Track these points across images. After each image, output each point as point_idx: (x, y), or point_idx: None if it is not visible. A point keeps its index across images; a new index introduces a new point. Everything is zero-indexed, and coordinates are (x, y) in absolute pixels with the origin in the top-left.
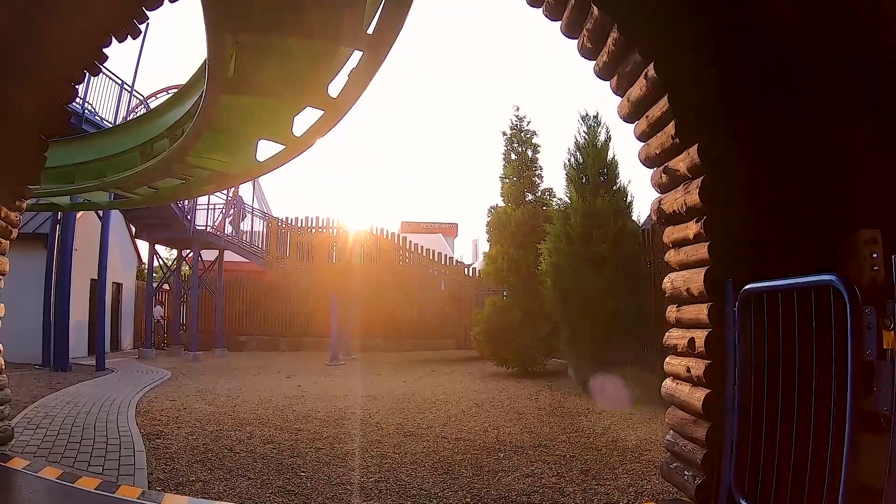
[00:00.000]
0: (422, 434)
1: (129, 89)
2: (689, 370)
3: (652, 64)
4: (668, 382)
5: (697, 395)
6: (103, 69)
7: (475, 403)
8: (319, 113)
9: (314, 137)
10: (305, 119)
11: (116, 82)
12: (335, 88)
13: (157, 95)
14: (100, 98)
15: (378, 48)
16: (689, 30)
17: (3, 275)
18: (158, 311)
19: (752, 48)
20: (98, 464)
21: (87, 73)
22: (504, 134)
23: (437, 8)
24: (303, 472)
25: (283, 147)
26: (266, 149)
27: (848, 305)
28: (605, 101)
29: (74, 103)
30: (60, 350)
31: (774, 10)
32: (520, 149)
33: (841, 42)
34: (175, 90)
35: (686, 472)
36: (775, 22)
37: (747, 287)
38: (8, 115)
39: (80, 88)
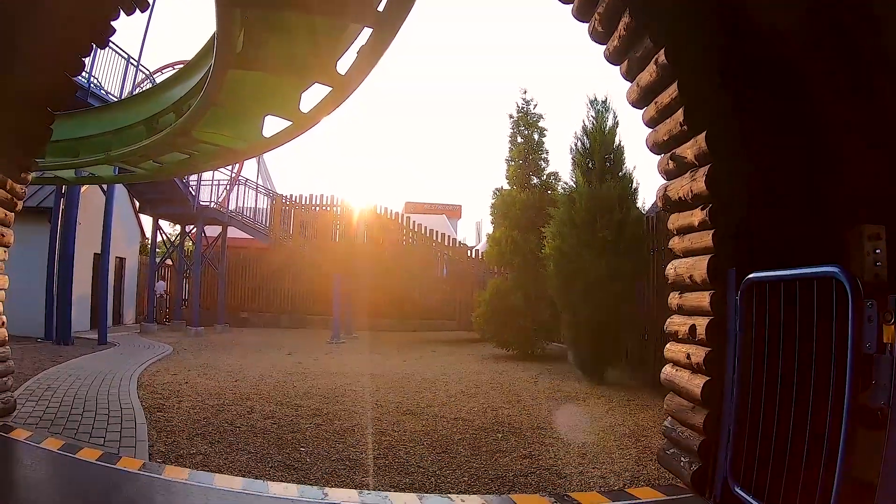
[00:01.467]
0: (421, 413)
1: (136, 64)
2: (689, 357)
3: (663, 50)
4: (667, 369)
5: (697, 382)
6: (110, 42)
7: (475, 384)
8: (327, 90)
9: (321, 114)
10: (313, 96)
11: (123, 56)
12: (343, 65)
13: (164, 70)
14: (106, 72)
15: (387, 26)
16: (700, 18)
17: (8, 247)
18: (161, 286)
19: (763, 39)
20: (99, 436)
21: (94, 46)
22: (511, 117)
23: None
24: (302, 447)
25: (289, 123)
26: (272, 125)
27: (850, 297)
28: (613, 87)
29: (80, 77)
30: (63, 323)
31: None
32: (526, 132)
33: (850, 37)
34: (182, 65)
35: (683, 459)
36: (783, 16)
37: (750, 276)
38: (15, 87)
39: (87, 62)
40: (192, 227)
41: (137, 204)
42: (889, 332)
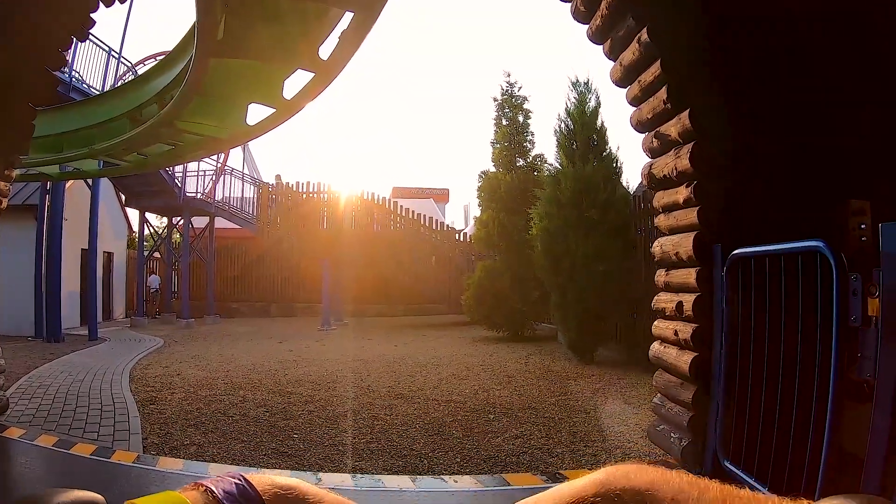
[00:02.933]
0: (413, 396)
1: (117, 56)
2: (676, 333)
3: (645, 29)
4: (655, 345)
5: (684, 359)
6: (91, 35)
7: (466, 367)
8: (310, 76)
9: (304, 100)
10: (296, 82)
11: (104, 49)
12: (326, 51)
13: (146, 62)
14: (87, 66)
15: (368, 9)
16: None
17: None
18: (155, 280)
19: (746, 15)
20: (93, 430)
21: (75, 39)
22: (495, 100)
23: None
24: (296, 434)
25: (273, 110)
26: (256, 112)
27: (834, 271)
28: (596, 67)
29: (62, 71)
30: (53, 321)
31: None
32: (511, 114)
33: (835, 8)
34: (163, 56)
35: (672, 435)
36: None
37: (735, 252)
38: None
39: (68, 55)
40: (179, 218)
41: (124, 197)
42: (874, 306)
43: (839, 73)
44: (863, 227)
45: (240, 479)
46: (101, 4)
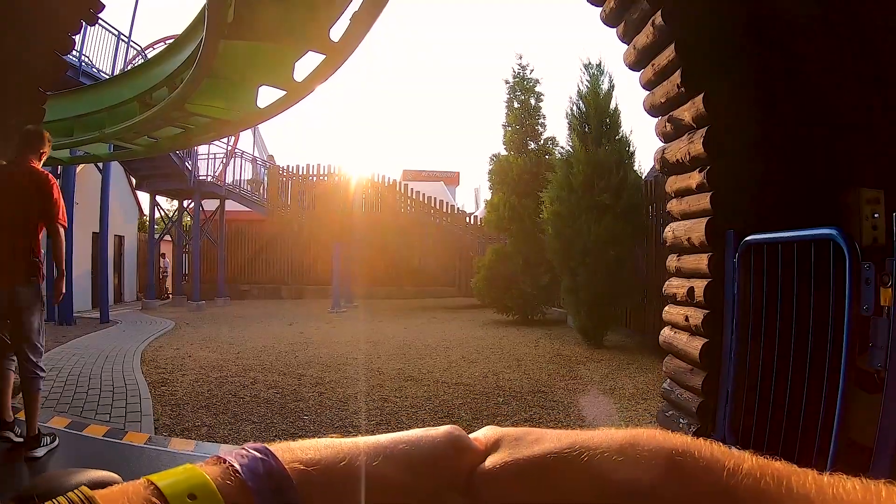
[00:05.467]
0: (422, 379)
1: (127, 40)
2: (687, 319)
3: (659, 12)
4: (666, 331)
5: (695, 344)
6: (100, 19)
7: (475, 350)
8: (320, 58)
9: (315, 83)
10: (306, 64)
11: (113, 33)
12: (337, 32)
13: (155, 46)
14: (96, 50)
15: None
16: None
17: None
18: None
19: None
20: (105, 412)
21: (84, 23)
22: (507, 82)
23: None
24: (306, 415)
25: (283, 93)
26: (266, 95)
27: (847, 259)
28: (608, 50)
29: (71, 55)
30: (64, 304)
31: None
32: (522, 97)
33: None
34: (173, 40)
35: (681, 421)
36: None
37: (748, 238)
38: (6, 67)
39: (77, 39)
40: (189, 201)
41: (134, 181)
42: (886, 295)
43: (855, 62)
44: (876, 216)
45: (264, 454)
46: None
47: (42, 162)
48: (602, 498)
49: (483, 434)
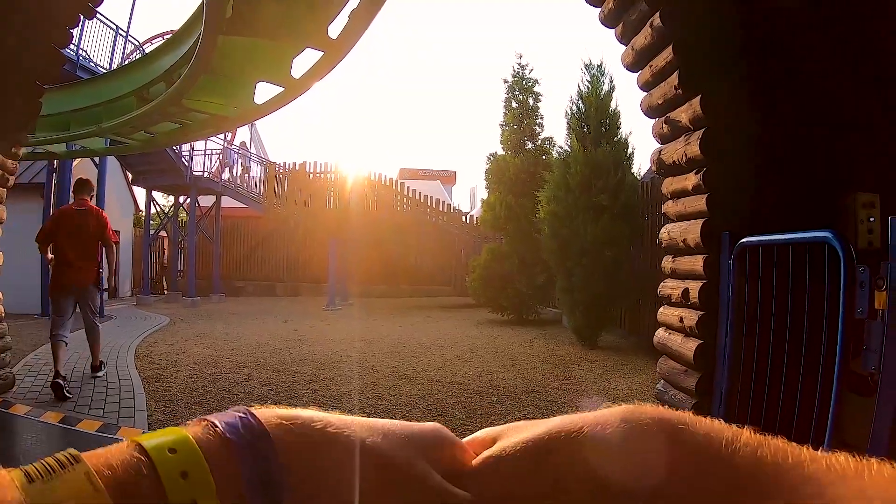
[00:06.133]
0: (416, 377)
1: (125, 35)
2: (681, 320)
3: (658, 13)
4: (660, 332)
5: (689, 346)
6: (98, 13)
7: (470, 349)
8: (318, 55)
9: (313, 79)
10: (304, 61)
11: (111, 28)
12: (335, 29)
13: (153, 41)
14: (94, 44)
15: None
16: None
17: (1, 223)
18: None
19: (758, 2)
20: (98, 407)
21: (82, 17)
22: (505, 81)
23: None
24: None
25: (281, 89)
26: (264, 91)
27: (842, 262)
28: (609, 51)
29: (69, 49)
30: None
31: None
32: (521, 96)
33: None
34: (171, 34)
35: None
36: None
37: (743, 240)
38: (2, 60)
39: (75, 33)
40: (185, 197)
41: (130, 176)
42: (881, 299)
43: (853, 63)
44: (871, 219)
45: (244, 413)
46: None
47: (92, 199)
48: (602, 470)
49: (474, 437)
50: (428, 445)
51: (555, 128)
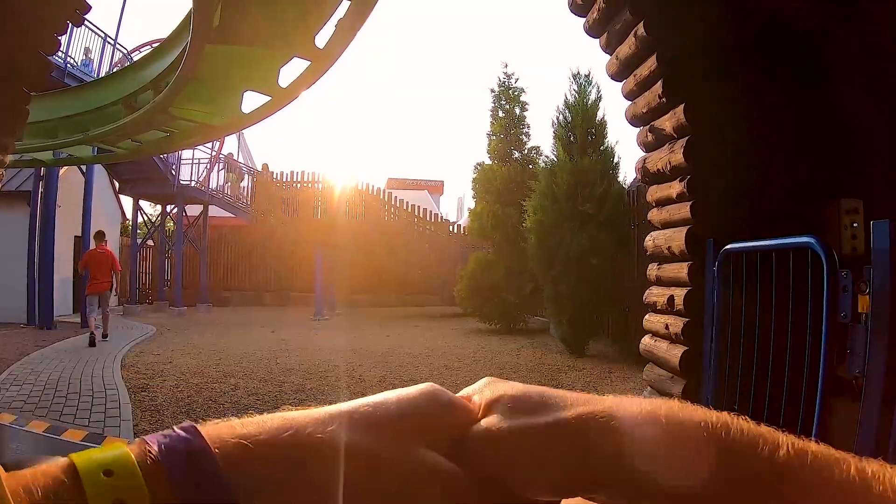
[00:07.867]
0: (405, 387)
1: (113, 43)
2: (667, 327)
3: (642, 23)
4: (646, 339)
5: (675, 353)
6: (86, 21)
7: (457, 358)
8: (306, 64)
9: (300, 89)
10: (291, 70)
11: (99, 35)
12: (322, 39)
13: (141, 49)
14: (82, 52)
15: None
16: None
17: None
18: None
19: (744, 10)
20: (84, 417)
21: (70, 24)
22: (492, 91)
23: None
24: None
25: (268, 98)
26: (251, 100)
27: (825, 267)
28: (597, 61)
29: (57, 56)
30: (45, 308)
31: None
32: (507, 106)
33: (834, 10)
34: (159, 43)
35: None
36: None
37: (727, 247)
38: None
39: (63, 41)
40: (172, 206)
41: (117, 185)
42: (864, 303)
43: (837, 71)
44: (854, 225)
45: (189, 432)
46: None
47: (107, 244)
48: (641, 465)
49: (476, 389)
50: (423, 416)
51: (542, 137)
